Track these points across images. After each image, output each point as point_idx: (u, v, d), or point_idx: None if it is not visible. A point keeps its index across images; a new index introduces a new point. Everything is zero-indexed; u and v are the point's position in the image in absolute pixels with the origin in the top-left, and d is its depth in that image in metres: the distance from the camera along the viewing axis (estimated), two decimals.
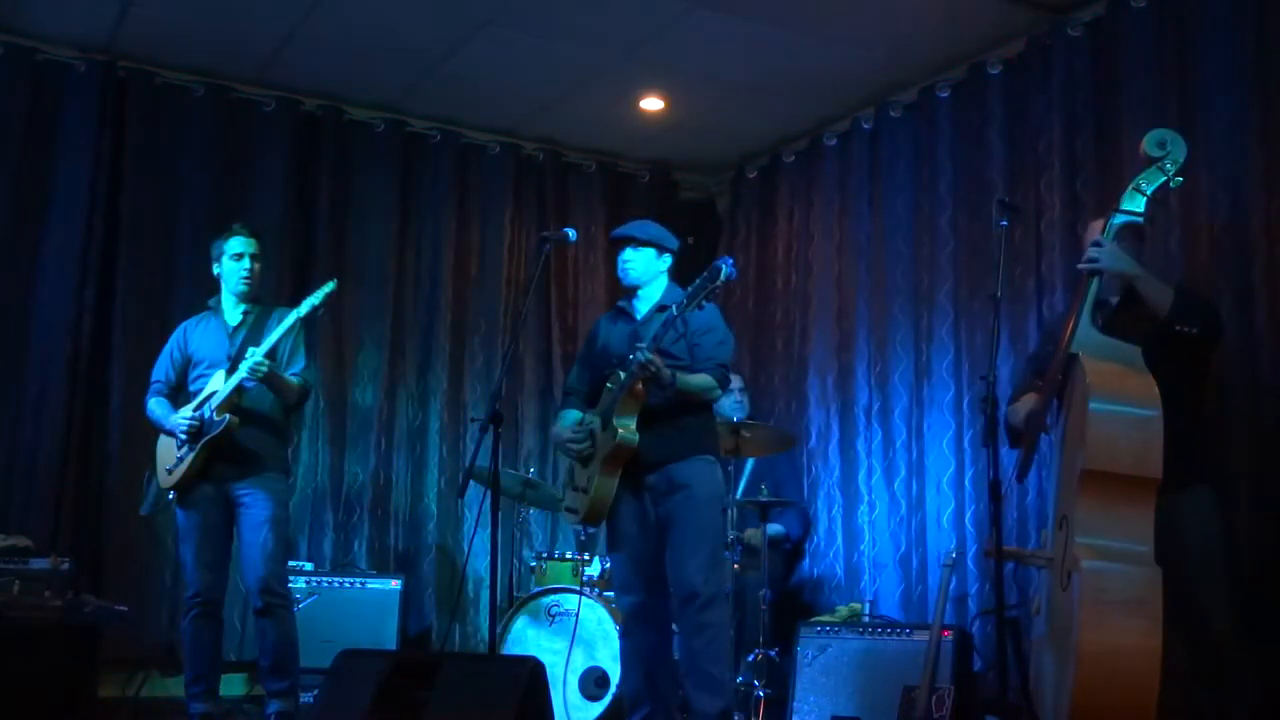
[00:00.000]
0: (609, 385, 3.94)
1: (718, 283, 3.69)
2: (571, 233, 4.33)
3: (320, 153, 6.18)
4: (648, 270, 4.13)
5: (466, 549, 6.02)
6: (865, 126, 6.07)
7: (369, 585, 5.61)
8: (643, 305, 4.15)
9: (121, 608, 4.21)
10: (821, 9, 5.14)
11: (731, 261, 3.73)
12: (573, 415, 4.12)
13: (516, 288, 6.53)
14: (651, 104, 6.21)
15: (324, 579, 5.54)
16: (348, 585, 5.57)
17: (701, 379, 3.96)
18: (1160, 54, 4.64)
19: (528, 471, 5.67)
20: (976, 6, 5.09)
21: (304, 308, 4.40)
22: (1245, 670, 3.42)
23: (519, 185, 6.65)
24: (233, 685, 5.47)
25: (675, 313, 3.79)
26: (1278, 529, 3.99)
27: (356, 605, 5.50)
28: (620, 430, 3.82)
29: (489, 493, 3.92)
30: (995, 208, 3.63)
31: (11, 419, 5.33)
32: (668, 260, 4.16)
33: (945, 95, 5.64)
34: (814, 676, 4.81)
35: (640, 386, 3.83)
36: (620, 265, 4.16)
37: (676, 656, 4.09)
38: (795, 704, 4.81)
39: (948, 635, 4.48)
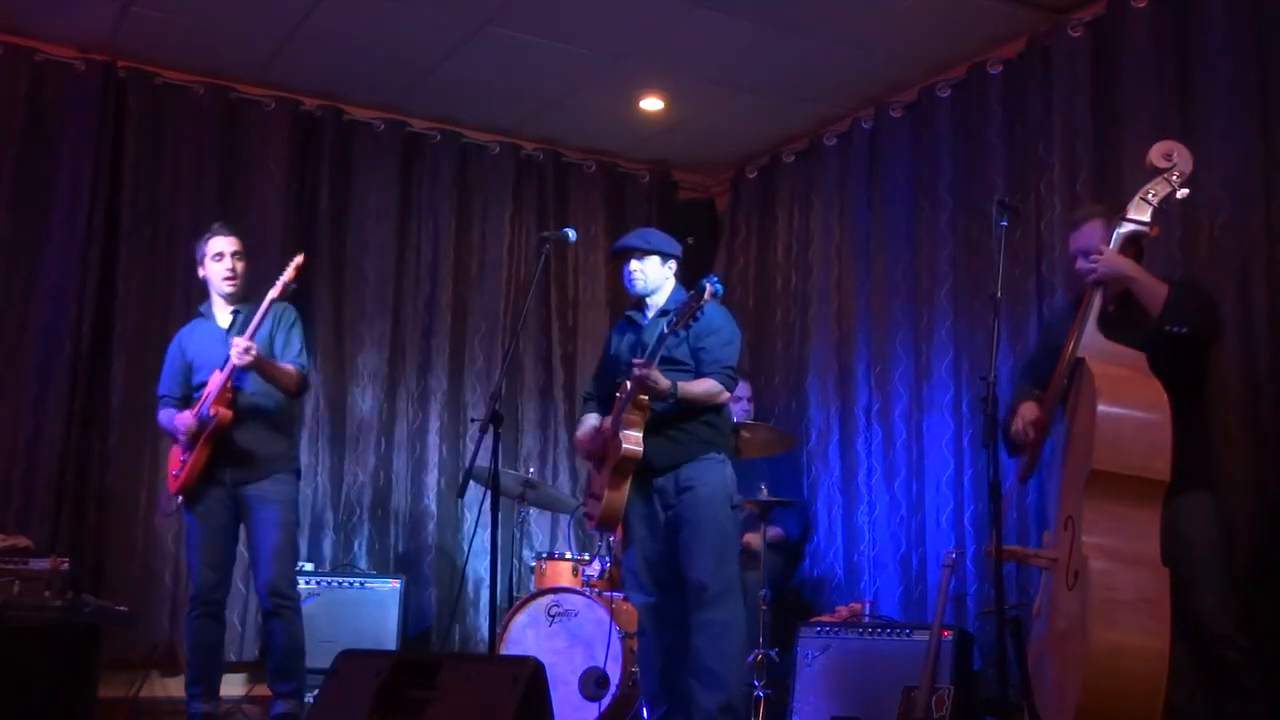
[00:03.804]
0: (618, 395, 4.01)
1: (703, 302, 3.73)
2: (571, 233, 4.33)
3: (320, 153, 6.18)
4: (654, 279, 4.19)
5: (466, 549, 6.02)
6: (865, 126, 6.07)
7: (369, 585, 5.62)
8: (650, 311, 4.21)
9: (121, 608, 4.20)
10: (821, 9, 5.14)
11: (717, 279, 3.77)
12: (591, 420, 4.22)
13: (516, 288, 6.53)
14: (651, 104, 6.21)
15: (324, 579, 5.54)
16: (348, 585, 5.57)
17: (705, 386, 4.02)
18: (1160, 54, 4.64)
19: (528, 471, 5.67)
20: (976, 6, 5.09)
21: (276, 287, 4.36)
22: (1246, 672, 3.41)
23: (519, 185, 6.65)
24: (233, 685, 5.47)
25: (665, 330, 3.85)
26: (1277, 530, 3.99)
27: (356, 605, 5.51)
28: (624, 444, 3.91)
29: (489, 493, 3.93)
30: (995, 208, 3.62)
31: (11, 419, 5.33)
32: (673, 265, 4.24)
33: (945, 95, 5.63)
34: (814, 676, 4.81)
35: (643, 399, 3.91)
36: (626, 277, 4.22)
37: None
38: (795, 704, 4.81)
39: (948, 635, 4.49)
